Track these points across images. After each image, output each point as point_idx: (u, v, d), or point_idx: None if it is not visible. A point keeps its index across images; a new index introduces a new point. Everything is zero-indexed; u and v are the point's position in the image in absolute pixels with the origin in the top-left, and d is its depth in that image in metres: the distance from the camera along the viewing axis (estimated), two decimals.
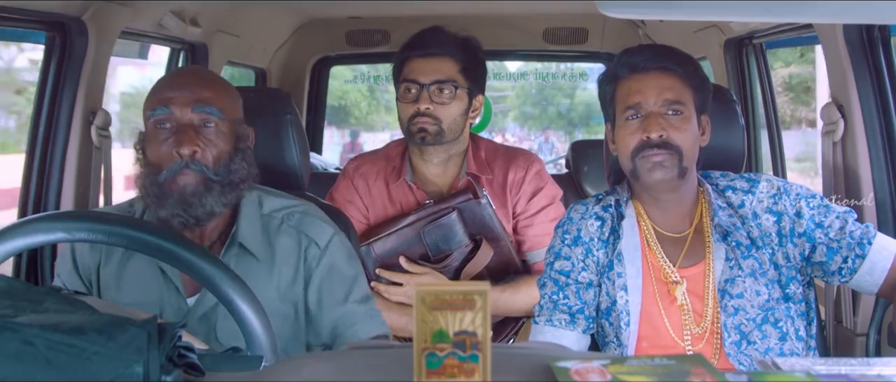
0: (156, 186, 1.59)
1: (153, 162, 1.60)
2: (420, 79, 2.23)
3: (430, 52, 2.24)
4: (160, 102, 1.60)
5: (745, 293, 1.68)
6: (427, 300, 0.80)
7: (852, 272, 1.68)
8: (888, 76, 2.17)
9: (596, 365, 0.87)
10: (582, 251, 1.77)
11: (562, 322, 1.76)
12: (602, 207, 1.80)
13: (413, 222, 2.23)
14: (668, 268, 1.72)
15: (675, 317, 1.71)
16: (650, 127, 1.66)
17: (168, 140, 1.59)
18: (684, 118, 1.68)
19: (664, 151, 1.65)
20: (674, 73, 1.69)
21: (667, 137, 1.65)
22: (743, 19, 2.55)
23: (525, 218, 2.33)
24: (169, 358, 0.94)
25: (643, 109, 1.68)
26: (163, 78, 1.72)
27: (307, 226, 1.70)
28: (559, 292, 1.77)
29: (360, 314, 1.67)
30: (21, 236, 1.21)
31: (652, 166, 1.66)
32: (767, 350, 1.67)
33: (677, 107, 1.67)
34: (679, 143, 1.66)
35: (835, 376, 1.09)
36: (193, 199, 1.58)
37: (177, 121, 1.59)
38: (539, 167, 2.38)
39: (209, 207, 1.60)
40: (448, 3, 3.37)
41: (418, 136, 2.24)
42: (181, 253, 1.23)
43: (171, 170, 1.58)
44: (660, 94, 1.67)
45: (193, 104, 1.59)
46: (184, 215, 1.59)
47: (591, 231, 1.78)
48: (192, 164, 1.58)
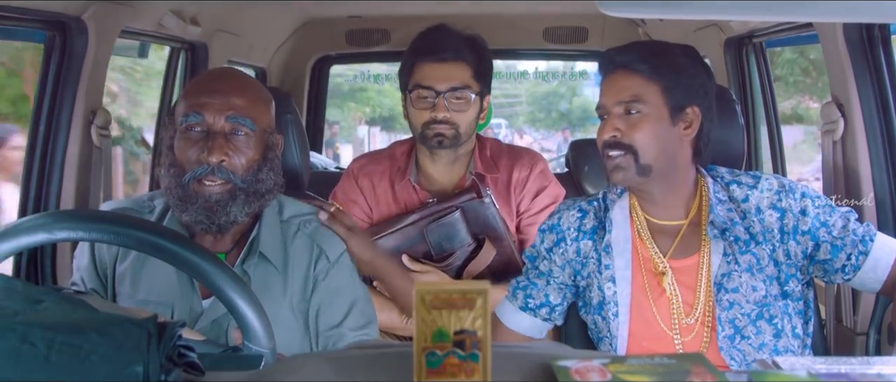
0: (180, 187, 1.59)
1: (179, 163, 1.60)
2: (436, 86, 2.21)
3: (444, 57, 2.22)
4: (193, 108, 1.59)
5: (741, 287, 1.69)
6: (427, 299, 0.80)
7: (856, 269, 1.69)
8: (888, 75, 2.17)
9: (596, 364, 0.87)
10: (553, 239, 1.82)
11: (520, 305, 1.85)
12: (588, 201, 1.84)
13: (416, 220, 2.22)
14: (656, 258, 1.73)
15: (665, 308, 1.72)
16: (606, 127, 1.70)
17: (197, 144, 1.59)
18: (643, 116, 1.68)
19: (618, 151, 1.69)
20: (634, 72, 1.69)
21: (620, 137, 1.68)
22: (743, 18, 2.55)
23: (528, 217, 2.33)
24: (169, 358, 0.94)
25: (605, 110, 1.72)
26: (198, 79, 1.72)
27: (321, 238, 1.70)
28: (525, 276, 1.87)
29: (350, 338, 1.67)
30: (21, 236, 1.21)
31: (613, 166, 1.70)
32: (761, 346, 1.68)
33: (635, 107, 1.68)
34: (634, 143, 1.67)
35: (834, 375, 1.09)
36: (218, 207, 1.58)
37: (208, 127, 1.59)
38: (543, 166, 2.38)
39: (233, 216, 1.60)
40: (448, 3, 3.37)
41: (435, 141, 2.23)
42: (181, 252, 1.23)
43: (195, 172, 1.58)
44: (616, 95, 1.70)
45: (227, 113, 1.59)
46: (206, 222, 1.59)
47: (570, 220, 1.82)
48: (219, 171, 1.58)
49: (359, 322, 1.69)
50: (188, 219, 1.59)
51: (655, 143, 1.68)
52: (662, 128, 1.69)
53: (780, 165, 3.02)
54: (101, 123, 2.34)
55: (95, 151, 2.36)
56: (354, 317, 1.69)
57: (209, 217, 1.58)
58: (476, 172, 2.30)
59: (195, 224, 1.59)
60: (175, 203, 1.61)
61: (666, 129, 1.69)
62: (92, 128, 2.33)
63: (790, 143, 3.74)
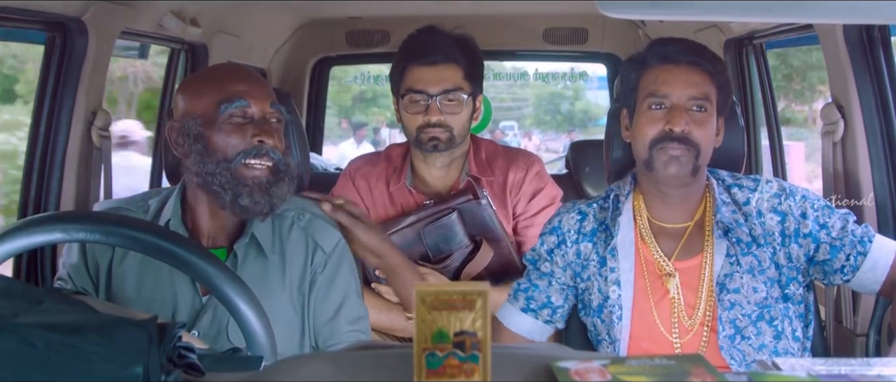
0: (227, 172, 1.60)
1: (220, 149, 1.61)
2: (428, 89, 2.21)
3: (435, 59, 2.22)
4: (237, 95, 1.62)
5: (742, 289, 1.69)
6: (427, 300, 0.80)
7: (855, 269, 1.69)
8: (888, 76, 2.17)
9: (596, 365, 0.87)
10: (554, 241, 1.81)
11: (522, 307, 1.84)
12: (587, 204, 1.83)
13: (413, 222, 2.22)
14: (661, 261, 1.73)
15: (665, 311, 1.72)
16: (674, 119, 1.65)
17: (242, 128, 1.62)
18: (707, 115, 1.68)
19: (683, 146, 1.66)
20: (703, 70, 1.69)
21: (688, 132, 1.65)
22: (743, 19, 2.55)
23: (525, 219, 2.33)
24: (169, 358, 0.94)
25: (669, 100, 1.68)
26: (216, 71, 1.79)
27: (315, 230, 1.71)
28: (527, 278, 1.85)
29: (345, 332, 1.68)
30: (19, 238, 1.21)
31: (668, 159, 1.66)
32: (761, 347, 1.68)
33: (702, 104, 1.68)
34: (698, 140, 1.66)
35: (835, 376, 1.09)
36: (270, 186, 1.62)
37: (253, 114, 1.63)
38: (539, 168, 2.38)
39: (283, 195, 1.64)
40: (448, 4, 3.37)
41: (430, 145, 2.23)
42: (180, 253, 1.23)
43: (247, 152, 1.60)
44: (687, 88, 1.67)
45: (271, 100, 1.66)
46: (263, 200, 1.61)
47: (570, 223, 1.81)
48: (272, 152, 1.62)
49: (352, 315, 1.70)
50: (246, 202, 1.61)
51: (710, 145, 1.70)
52: (714, 130, 1.71)
53: (781, 167, 3.02)
54: (101, 124, 2.35)
55: (95, 152, 2.37)
56: (348, 310, 1.70)
57: (265, 194, 1.61)
58: (471, 175, 2.29)
59: (253, 205, 1.61)
60: (222, 187, 1.61)
61: (714, 133, 1.71)
62: (92, 128, 2.33)
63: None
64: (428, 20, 2.38)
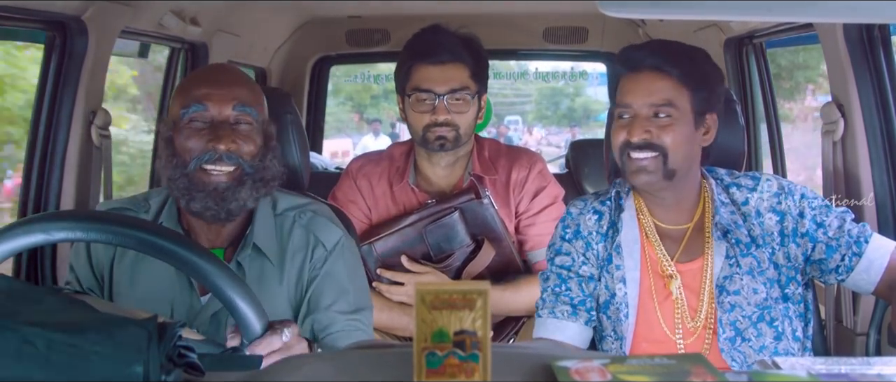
0: (184, 177, 1.60)
1: (181, 154, 1.61)
2: (436, 88, 2.21)
3: (442, 58, 2.22)
4: (195, 99, 1.61)
5: (743, 290, 1.69)
6: (427, 299, 0.80)
7: (849, 270, 1.69)
8: (888, 75, 2.17)
9: (596, 365, 0.87)
10: (582, 245, 1.78)
11: (564, 314, 1.75)
12: (600, 202, 1.81)
13: (415, 221, 2.23)
14: (665, 262, 1.72)
15: (669, 311, 1.71)
16: (633, 129, 1.66)
17: (201, 133, 1.60)
18: (673, 120, 1.66)
19: (647, 153, 1.66)
20: (666, 74, 1.67)
21: (651, 139, 1.65)
22: (743, 19, 2.55)
23: (527, 218, 2.33)
24: (169, 358, 0.94)
25: (631, 110, 1.68)
26: (194, 74, 1.74)
27: (317, 227, 1.71)
28: (562, 284, 1.77)
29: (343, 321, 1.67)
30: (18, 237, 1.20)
31: (636, 169, 1.67)
32: (762, 348, 1.68)
33: (666, 110, 1.66)
34: (664, 144, 1.65)
35: (835, 375, 1.09)
36: (227, 193, 1.60)
37: (212, 118, 1.61)
38: (542, 166, 2.38)
39: (242, 201, 1.61)
40: (448, 3, 3.37)
41: (436, 144, 2.23)
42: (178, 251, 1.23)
43: (201, 158, 1.59)
44: (648, 96, 1.67)
45: (233, 102, 1.62)
46: (216, 208, 1.60)
47: (589, 225, 1.79)
48: (228, 157, 1.60)
49: (350, 306, 1.69)
50: (197, 207, 1.60)
51: (683, 148, 1.67)
52: (689, 132, 1.68)
53: (780, 165, 3.02)
54: (101, 123, 2.34)
55: (95, 151, 2.36)
56: (345, 302, 1.69)
57: (218, 203, 1.60)
58: (474, 174, 2.29)
59: (205, 211, 1.60)
60: (181, 193, 1.61)
61: (691, 134, 1.69)
62: (92, 127, 2.33)
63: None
64: (428, 19, 2.39)
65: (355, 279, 1.74)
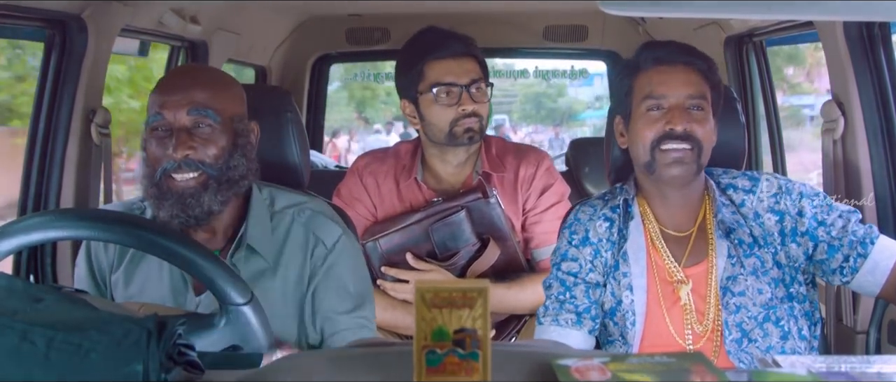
0: (154, 186, 1.60)
1: (150, 162, 1.61)
2: (459, 80, 2.22)
3: (458, 51, 2.24)
4: (155, 107, 1.61)
5: (747, 291, 1.68)
6: (427, 297, 0.80)
7: (854, 271, 1.67)
8: (888, 73, 2.17)
9: (596, 363, 0.87)
10: (590, 251, 1.76)
11: (568, 322, 1.74)
12: (610, 208, 1.79)
13: (421, 219, 2.22)
14: (673, 268, 1.72)
15: (678, 317, 1.70)
16: (674, 119, 1.65)
17: (163, 142, 1.60)
18: (705, 114, 1.68)
19: (686, 145, 1.65)
20: (697, 69, 1.69)
21: (690, 130, 1.65)
22: (743, 17, 2.55)
23: (534, 215, 2.33)
24: (169, 356, 0.94)
25: (667, 101, 1.67)
26: (162, 80, 1.72)
27: (317, 225, 1.70)
28: (566, 292, 1.75)
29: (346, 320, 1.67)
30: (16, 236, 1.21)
31: (671, 161, 1.66)
32: (769, 349, 1.67)
33: (700, 103, 1.67)
34: (700, 137, 1.66)
35: (835, 374, 1.09)
36: (191, 200, 1.59)
37: (170, 125, 1.59)
38: (549, 164, 2.38)
39: (207, 206, 1.60)
40: (448, 3, 3.37)
41: (466, 136, 2.23)
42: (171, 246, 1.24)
43: (164, 167, 1.59)
44: (685, 87, 1.67)
45: (187, 107, 1.59)
46: (182, 215, 1.59)
47: (599, 232, 1.77)
48: (187, 164, 1.58)
49: (353, 304, 1.69)
50: (165, 215, 1.60)
51: (709, 143, 1.69)
52: (713, 128, 1.70)
53: (781, 163, 3.02)
54: (101, 122, 2.34)
55: (95, 150, 2.36)
56: (349, 300, 1.69)
57: (183, 210, 1.59)
58: (483, 171, 2.29)
59: (172, 219, 1.60)
60: (151, 201, 1.63)
61: (714, 131, 1.71)
62: (91, 126, 2.33)
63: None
64: (428, 17, 2.39)
65: (357, 275, 1.73)
